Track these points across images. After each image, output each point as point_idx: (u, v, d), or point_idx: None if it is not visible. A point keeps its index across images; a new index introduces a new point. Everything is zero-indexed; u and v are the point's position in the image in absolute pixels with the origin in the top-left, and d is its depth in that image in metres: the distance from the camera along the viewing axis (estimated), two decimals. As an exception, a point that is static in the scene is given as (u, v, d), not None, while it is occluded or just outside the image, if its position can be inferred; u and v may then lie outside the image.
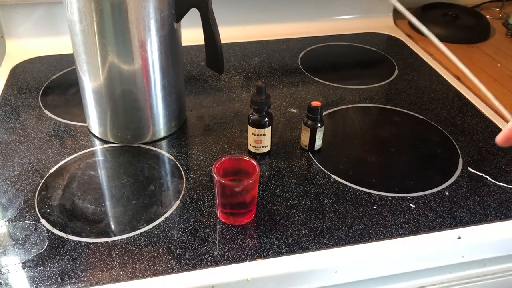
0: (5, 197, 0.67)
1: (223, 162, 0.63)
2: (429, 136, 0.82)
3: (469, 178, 0.73)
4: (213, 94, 0.93)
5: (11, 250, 0.60)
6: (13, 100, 0.90)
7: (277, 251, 0.60)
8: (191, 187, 0.70)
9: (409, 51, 1.12)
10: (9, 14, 1.03)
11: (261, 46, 1.12)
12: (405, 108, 0.90)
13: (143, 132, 0.78)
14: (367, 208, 0.66)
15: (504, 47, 1.13)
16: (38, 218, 0.64)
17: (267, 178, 0.72)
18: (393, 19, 1.25)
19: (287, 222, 0.64)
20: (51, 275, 0.56)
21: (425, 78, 1.01)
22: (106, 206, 0.66)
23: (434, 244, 0.62)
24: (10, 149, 0.77)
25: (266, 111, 0.72)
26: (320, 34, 1.18)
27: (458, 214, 0.66)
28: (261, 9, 1.16)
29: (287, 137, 0.80)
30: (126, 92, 0.74)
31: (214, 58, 0.75)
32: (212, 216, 0.65)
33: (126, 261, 0.58)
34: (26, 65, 1.02)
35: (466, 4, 1.31)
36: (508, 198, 0.69)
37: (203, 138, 0.80)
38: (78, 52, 0.72)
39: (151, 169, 0.73)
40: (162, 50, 0.73)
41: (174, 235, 0.62)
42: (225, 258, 0.59)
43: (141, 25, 0.69)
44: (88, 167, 0.73)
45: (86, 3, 0.66)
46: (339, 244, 0.61)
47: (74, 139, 0.79)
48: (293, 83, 0.97)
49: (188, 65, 1.03)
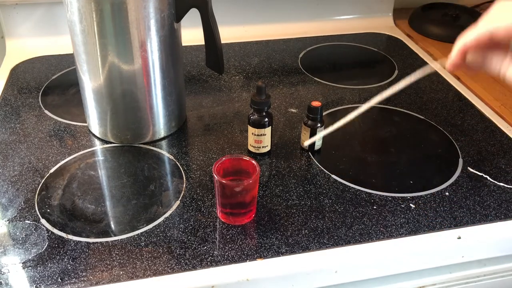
0: (5, 197, 0.67)
1: (223, 162, 0.63)
2: (429, 136, 0.82)
3: (469, 178, 0.73)
4: (213, 94, 0.93)
5: (11, 250, 0.60)
6: (13, 100, 0.90)
7: (277, 251, 0.60)
8: (191, 187, 0.70)
9: (409, 51, 1.12)
10: (9, 14, 1.03)
11: (261, 46, 1.12)
12: (405, 108, 0.90)
13: (143, 132, 0.78)
14: (367, 208, 0.66)
15: (504, 47, 1.13)
16: (38, 218, 0.64)
17: (267, 178, 0.72)
18: (393, 19, 1.25)
19: (287, 222, 0.64)
20: (51, 275, 0.56)
21: (425, 78, 1.00)
22: (106, 206, 0.66)
23: (434, 244, 0.62)
24: (10, 149, 0.77)
25: (266, 111, 0.72)
26: (320, 34, 1.18)
27: (458, 214, 0.66)
28: (261, 9, 1.16)
29: (287, 137, 0.80)
30: (126, 92, 0.74)
31: (214, 58, 0.75)
32: (212, 216, 0.65)
33: (126, 261, 0.58)
34: (26, 65, 1.02)
35: (466, 4, 1.31)
36: (508, 198, 0.69)
37: (203, 138, 0.80)
38: (78, 52, 0.72)
39: (151, 169, 0.73)
40: (162, 50, 0.73)
41: (174, 235, 0.62)
42: (225, 258, 0.59)
43: (141, 25, 0.69)
44: (88, 167, 0.73)
45: (86, 3, 0.66)
46: (339, 244, 0.61)
47: (74, 139, 0.79)
48: (293, 83, 0.97)
49: (188, 65, 1.03)
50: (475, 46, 0.40)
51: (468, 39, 0.40)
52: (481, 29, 0.39)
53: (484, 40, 0.39)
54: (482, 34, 0.39)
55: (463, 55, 0.42)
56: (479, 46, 0.40)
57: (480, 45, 0.40)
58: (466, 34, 0.41)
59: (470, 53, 0.41)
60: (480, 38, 0.39)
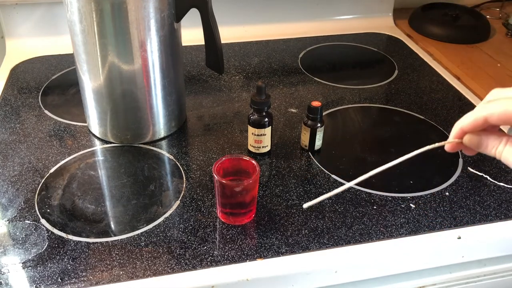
0: (5, 197, 0.67)
1: (223, 162, 0.63)
2: (429, 136, 0.82)
3: (469, 178, 0.73)
4: (213, 94, 0.93)
5: (11, 250, 0.60)
6: (13, 100, 0.90)
7: (277, 251, 0.60)
8: (191, 187, 0.70)
9: (409, 51, 1.12)
10: (9, 14, 1.03)
11: (261, 46, 1.12)
12: (405, 108, 0.90)
13: (143, 132, 0.78)
14: (367, 208, 0.66)
15: (504, 47, 1.13)
16: (38, 218, 0.64)
17: (267, 178, 0.72)
18: (393, 19, 1.25)
19: (287, 222, 0.64)
20: (51, 275, 0.56)
21: (425, 78, 1.01)
22: (106, 206, 0.66)
23: (434, 244, 0.62)
24: (10, 149, 0.77)
25: (266, 111, 0.72)
26: (320, 34, 1.18)
27: (458, 214, 0.66)
28: (261, 9, 1.16)
29: (287, 137, 0.80)
30: (126, 92, 0.74)
31: (214, 58, 0.75)
32: (212, 216, 0.65)
33: (126, 261, 0.58)
34: (26, 65, 1.02)
35: (466, 4, 1.31)
36: (508, 198, 0.69)
37: (203, 138, 0.80)
38: (78, 52, 0.72)
39: (151, 169, 0.73)
40: (162, 50, 0.73)
41: (174, 235, 0.62)
42: (225, 258, 0.59)
43: (141, 25, 0.69)
44: (88, 167, 0.73)
45: (86, 3, 0.66)
46: (339, 244, 0.61)
47: (74, 139, 0.79)
48: (293, 83, 0.97)
49: (188, 65, 1.03)
50: (471, 129, 0.44)
51: (464, 122, 0.45)
52: (477, 113, 0.43)
53: (479, 124, 0.43)
54: (477, 118, 0.43)
55: (461, 137, 0.46)
56: (475, 129, 0.44)
57: (476, 128, 0.44)
58: (463, 118, 0.45)
59: (467, 135, 0.45)
60: (476, 122, 0.43)
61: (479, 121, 0.43)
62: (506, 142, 0.43)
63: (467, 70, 1.03)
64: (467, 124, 0.44)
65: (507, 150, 0.43)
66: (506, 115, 0.40)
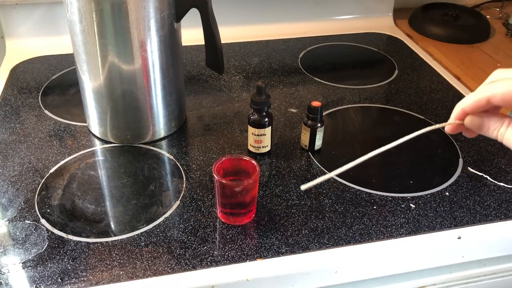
0: (5, 197, 0.67)
1: (223, 162, 0.63)
2: (429, 136, 0.82)
3: (469, 178, 0.73)
4: (213, 94, 0.93)
5: (11, 250, 0.60)
6: (13, 100, 0.90)
7: (277, 251, 0.60)
8: (191, 187, 0.70)
9: (409, 51, 1.12)
10: (9, 14, 1.03)
11: (261, 46, 1.12)
12: (405, 108, 0.90)
13: (143, 132, 0.78)
14: (367, 208, 0.66)
15: (504, 47, 1.13)
16: (38, 218, 0.64)
17: (267, 178, 0.72)
18: (393, 19, 1.25)
19: (287, 222, 0.64)
20: (51, 275, 0.56)
21: (425, 78, 1.01)
22: (106, 206, 0.66)
23: (434, 244, 0.62)
24: (10, 149, 0.77)
25: (266, 111, 0.72)
26: (320, 34, 1.18)
27: (458, 214, 0.66)
28: (261, 9, 1.16)
29: (287, 137, 0.80)
30: (126, 92, 0.74)
31: (214, 58, 0.75)
32: (212, 216, 0.65)
33: (126, 261, 0.58)
34: (26, 65, 1.02)
35: (466, 4, 1.31)
36: (508, 198, 0.69)
37: (203, 138, 0.80)
38: (78, 52, 0.72)
39: (151, 169, 0.73)
40: (162, 50, 0.73)
41: (174, 235, 0.62)
42: (225, 258, 0.59)
43: (141, 25, 0.69)
44: (88, 167, 0.73)
45: (86, 3, 0.66)
46: (339, 244, 0.61)
47: (74, 139, 0.79)
48: (293, 83, 0.97)
49: (188, 65, 1.03)
50: (473, 110, 0.43)
51: (466, 103, 0.43)
52: (479, 94, 0.41)
53: (482, 105, 0.42)
54: (480, 99, 0.41)
55: (462, 118, 0.45)
56: (477, 110, 0.43)
57: (478, 109, 0.42)
58: (464, 99, 0.43)
59: (468, 117, 0.44)
60: (478, 103, 0.42)
61: (481, 101, 0.41)
62: (508, 124, 0.42)
63: (467, 70, 1.03)
64: (468, 105, 0.43)
65: (509, 132, 0.41)
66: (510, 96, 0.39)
